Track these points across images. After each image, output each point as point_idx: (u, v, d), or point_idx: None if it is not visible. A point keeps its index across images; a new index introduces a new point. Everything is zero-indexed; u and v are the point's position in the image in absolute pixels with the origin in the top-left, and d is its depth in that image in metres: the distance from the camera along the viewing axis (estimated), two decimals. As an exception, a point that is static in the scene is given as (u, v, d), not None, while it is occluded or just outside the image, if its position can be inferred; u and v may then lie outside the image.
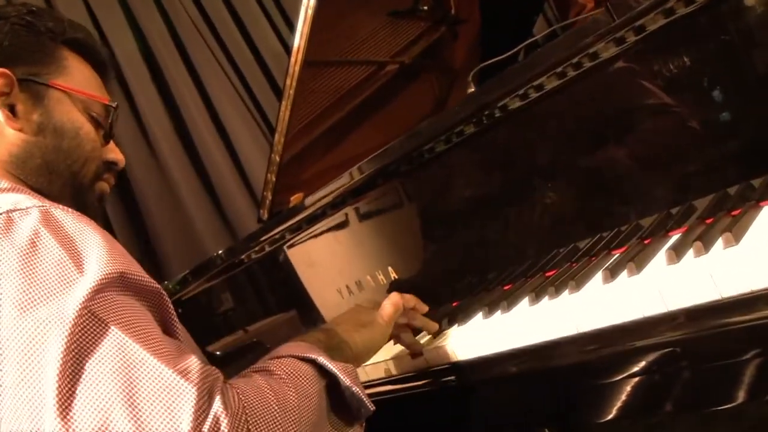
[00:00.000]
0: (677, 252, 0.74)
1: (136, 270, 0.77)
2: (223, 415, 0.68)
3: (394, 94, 2.14)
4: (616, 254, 0.89)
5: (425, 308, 1.07)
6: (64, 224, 0.76)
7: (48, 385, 0.66)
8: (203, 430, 0.66)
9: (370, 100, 2.08)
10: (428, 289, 1.17)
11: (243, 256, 1.64)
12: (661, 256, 0.77)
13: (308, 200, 1.43)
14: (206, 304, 1.84)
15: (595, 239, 0.97)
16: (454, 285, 1.18)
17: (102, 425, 0.64)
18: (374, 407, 0.84)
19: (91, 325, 0.68)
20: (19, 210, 0.75)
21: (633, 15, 0.84)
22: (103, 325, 0.68)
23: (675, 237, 0.83)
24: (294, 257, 1.54)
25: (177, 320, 0.82)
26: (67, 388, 0.65)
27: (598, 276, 0.82)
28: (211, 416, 0.67)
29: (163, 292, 0.81)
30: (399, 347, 1.08)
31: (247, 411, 0.71)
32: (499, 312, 0.93)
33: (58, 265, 0.71)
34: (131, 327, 0.69)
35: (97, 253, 0.73)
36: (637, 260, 0.78)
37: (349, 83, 2.05)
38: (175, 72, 2.58)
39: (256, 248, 1.60)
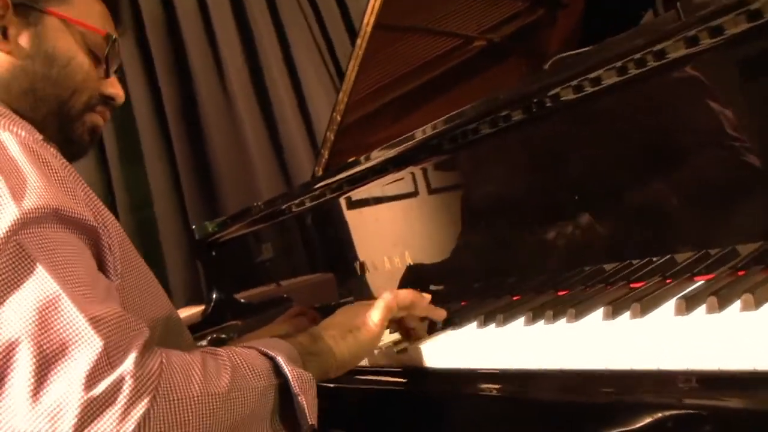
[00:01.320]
0: (689, 303, 0.64)
1: (75, 207, 0.74)
2: (130, 376, 0.64)
3: (475, 74, 2.04)
4: (634, 287, 0.80)
5: (425, 301, 1.00)
6: (9, 149, 0.74)
7: None
8: (100, 386, 0.62)
9: (448, 75, 2.00)
10: (445, 281, 1.13)
11: (285, 207, 1.60)
12: (672, 303, 0.67)
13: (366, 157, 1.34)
14: (243, 250, 1.83)
15: (624, 264, 0.88)
16: (471, 283, 1.11)
17: (4, 361, 0.62)
18: (314, 423, 0.80)
19: (17, 257, 0.66)
20: None
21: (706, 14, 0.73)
22: (29, 260, 0.66)
23: (700, 283, 0.73)
24: (341, 217, 1.48)
25: (118, 262, 0.81)
26: None
27: (600, 311, 0.73)
28: (115, 373, 0.64)
29: (103, 231, 0.78)
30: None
31: (161, 380, 0.67)
32: (493, 325, 0.88)
33: None
34: (57, 266, 0.68)
35: (37, 185, 0.72)
36: (645, 302, 0.69)
37: (428, 54, 1.97)
38: (258, 13, 2.56)
39: (298, 202, 1.56)
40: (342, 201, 1.45)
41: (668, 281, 0.78)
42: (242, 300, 1.83)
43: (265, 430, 0.78)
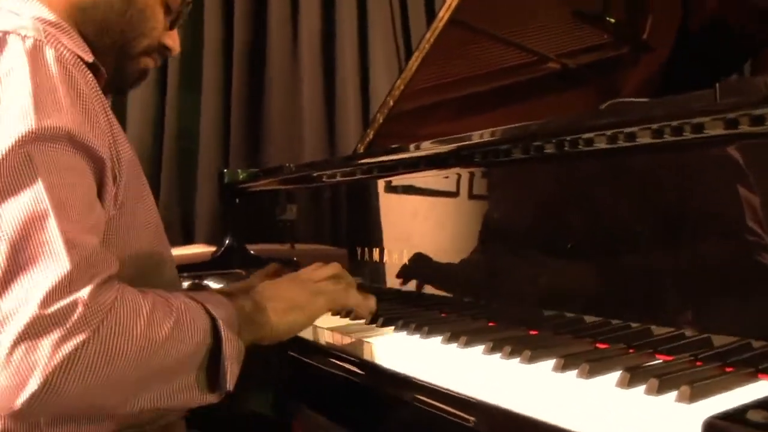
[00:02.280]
0: (632, 378, 0.63)
1: (90, 135, 0.78)
2: (83, 305, 0.68)
3: (539, 94, 2.01)
4: (599, 347, 0.80)
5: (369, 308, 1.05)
6: (49, 66, 0.78)
7: None
8: (54, 305, 0.67)
9: (511, 89, 1.97)
10: (442, 287, 1.13)
11: (316, 174, 1.61)
12: (617, 374, 0.66)
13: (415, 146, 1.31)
14: (266, 205, 1.85)
15: (602, 321, 0.87)
16: (461, 297, 1.11)
17: None
18: (231, 390, 0.83)
19: (22, 167, 0.71)
20: (17, 34, 0.78)
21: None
22: (32, 173, 0.71)
23: (657, 362, 0.72)
24: (370, 199, 1.47)
25: (121, 194, 0.85)
26: None
27: (552, 361, 0.73)
28: (71, 297, 0.68)
29: (113, 162, 0.83)
30: None
31: (109, 315, 0.71)
32: (455, 345, 0.88)
33: (20, 96, 0.74)
34: (55, 187, 0.72)
35: (61, 105, 0.76)
36: (596, 365, 0.69)
37: (497, 63, 1.95)
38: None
39: (331, 173, 1.55)
40: (375, 183, 1.43)
41: (631, 350, 0.77)
42: (252, 252, 1.86)
43: (188, 381, 0.81)
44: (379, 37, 2.53)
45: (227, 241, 1.89)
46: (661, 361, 0.73)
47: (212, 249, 1.99)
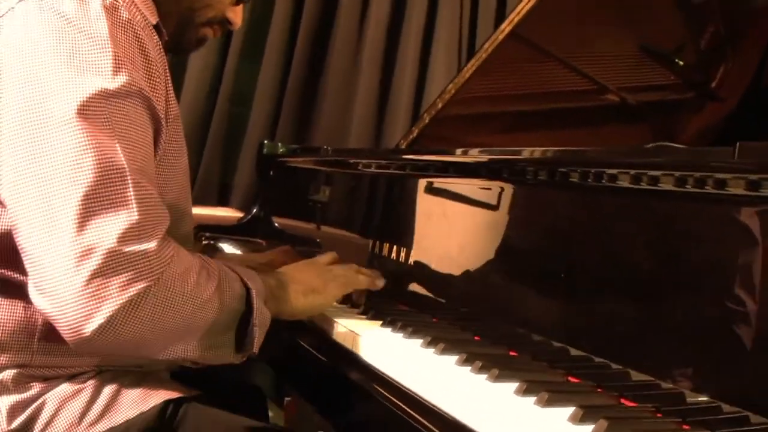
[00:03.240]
0: (584, 416, 0.63)
1: (153, 93, 0.84)
2: (152, 254, 0.76)
3: (592, 124, 1.98)
4: (570, 380, 0.79)
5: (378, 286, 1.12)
6: (123, 24, 0.83)
7: (41, 131, 0.76)
8: (129, 249, 0.74)
9: (562, 112, 1.95)
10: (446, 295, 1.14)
11: (352, 161, 1.62)
12: (573, 408, 0.66)
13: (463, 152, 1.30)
14: (298, 182, 1.88)
15: (585, 356, 0.86)
16: (460, 306, 1.11)
17: (56, 196, 0.74)
18: (256, 352, 0.91)
19: (101, 119, 0.77)
20: None
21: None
22: (109, 126, 0.77)
23: (617, 405, 0.72)
24: (403, 196, 1.47)
25: (162, 149, 0.90)
26: (53, 148, 0.75)
27: (516, 384, 0.73)
28: (141, 246, 0.75)
29: (164, 118, 0.88)
30: None
31: (168, 269, 0.78)
32: (432, 350, 0.89)
33: (98, 50, 0.79)
34: (128, 143, 0.79)
35: (135, 65, 0.82)
36: (556, 396, 0.69)
37: (554, 85, 1.93)
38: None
39: (366, 162, 1.55)
40: (406, 180, 1.42)
41: (599, 389, 0.76)
42: (277, 224, 1.89)
43: (221, 340, 0.88)
44: (444, 37, 2.53)
45: (254, 210, 1.92)
46: (622, 405, 0.72)
47: (240, 215, 2.03)
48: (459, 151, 1.29)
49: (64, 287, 0.72)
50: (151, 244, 0.76)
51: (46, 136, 0.75)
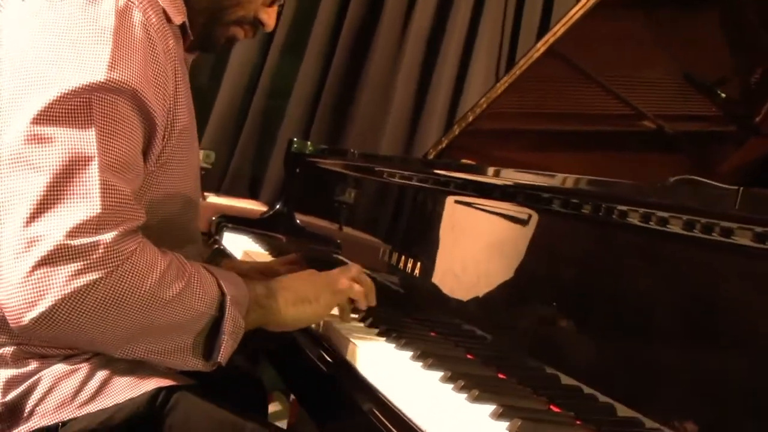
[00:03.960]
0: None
1: (151, 96, 0.84)
2: (104, 246, 0.74)
3: (626, 150, 1.95)
4: (551, 408, 0.79)
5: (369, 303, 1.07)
6: (133, 28, 0.84)
7: (23, 115, 0.77)
8: (78, 240, 0.73)
9: (596, 136, 1.92)
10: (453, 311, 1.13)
11: (377, 169, 1.63)
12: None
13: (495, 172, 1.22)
14: (323, 182, 1.89)
15: (575, 386, 0.85)
16: (462, 323, 1.10)
17: (21, 181, 0.74)
18: (222, 364, 0.89)
19: (81, 109, 0.78)
20: None
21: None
22: (88, 119, 0.78)
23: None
24: (419, 208, 1.46)
25: (169, 153, 0.91)
26: (31, 131, 0.76)
27: (493, 407, 0.73)
28: (95, 237, 0.74)
29: (166, 123, 0.88)
30: None
31: (126, 263, 0.76)
32: (420, 364, 0.89)
33: (99, 47, 0.80)
34: (106, 135, 0.79)
35: (133, 64, 0.82)
36: (530, 425, 0.69)
37: (589, 107, 1.91)
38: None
39: (389, 171, 1.55)
40: (430, 194, 1.39)
41: (578, 422, 0.75)
42: (298, 221, 1.91)
43: (183, 344, 0.86)
44: (484, 50, 2.52)
45: (278, 206, 1.94)
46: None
47: (265, 209, 2.06)
48: (477, 170, 1.29)
49: (11, 273, 0.72)
50: (107, 236, 0.75)
51: (23, 120, 0.76)
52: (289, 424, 1.84)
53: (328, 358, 0.98)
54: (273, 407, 2.01)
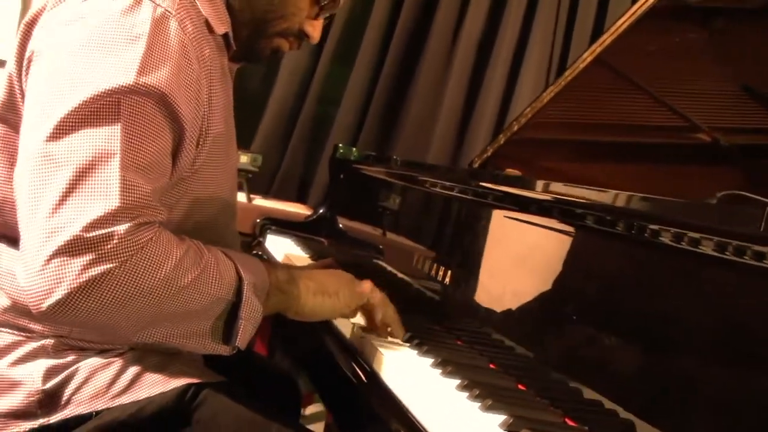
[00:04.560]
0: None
1: (181, 102, 0.86)
2: (118, 237, 0.77)
3: (678, 163, 1.90)
4: (566, 421, 0.79)
5: (398, 334, 1.03)
6: (168, 35, 0.86)
7: (53, 114, 0.80)
8: (94, 232, 0.76)
9: (646, 148, 1.89)
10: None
11: (420, 178, 1.61)
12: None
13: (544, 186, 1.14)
14: (367, 188, 1.91)
15: (593, 401, 0.85)
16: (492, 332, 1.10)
17: (47, 176, 0.78)
18: (241, 348, 0.89)
19: (108, 110, 0.80)
20: (152, 1, 0.86)
21: None
22: (115, 119, 0.80)
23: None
24: (458, 218, 1.44)
25: (202, 159, 0.93)
26: (59, 129, 0.79)
27: (503, 417, 0.73)
28: (109, 229, 0.77)
29: (196, 130, 0.90)
30: None
31: (140, 253, 0.78)
32: (438, 371, 0.89)
33: (133, 52, 0.83)
34: (132, 136, 0.81)
35: (164, 70, 0.84)
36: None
37: (640, 118, 1.88)
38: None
39: (432, 181, 1.53)
40: (471, 206, 1.36)
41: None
42: (341, 225, 1.94)
43: (201, 329, 0.87)
44: (535, 58, 2.50)
45: (321, 210, 1.98)
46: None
47: (309, 213, 2.09)
48: (515, 182, 1.27)
49: (32, 261, 0.76)
50: (120, 228, 0.77)
51: (53, 118, 0.79)
52: (326, 426, 1.87)
53: (353, 365, 0.99)
54: (313, 408, 2.04)
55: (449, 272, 1.29)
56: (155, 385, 0.90)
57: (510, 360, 0.98)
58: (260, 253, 1.78)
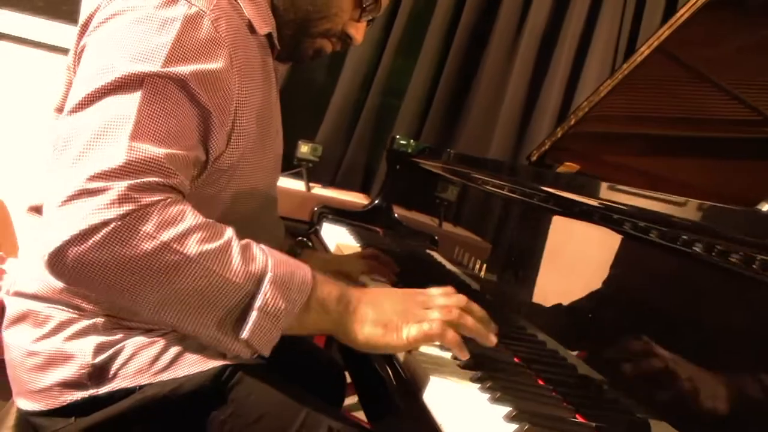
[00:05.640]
0: None
1: (203, 89, 0.90)
2: (116, 190, 0.78)
3: (749, 156, 1.83)
4: (577, 419, 0.79)
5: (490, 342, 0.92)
6: (199, 30, 0.90)
7: (82, 92, 0.85)
8: (95, 184, 0.78)
9: (716, 143, 1.83)
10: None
11: (468, 172, 1.61)
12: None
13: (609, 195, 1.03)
14: (422, 179, 1.92)
15: (611, 398, 0.83)
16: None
17: (67, 141, 0.83)
18: (254, 345, 0.83)
19: (131, 83, 0.85)
20: (188, 1, 0.90)
21: None
22: (136, 90, 0.84)
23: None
24: (508, 215, 1.40)
25: (235, 144, 0.96)
26: (83, 102, 0.84)
27: (508, 409, 0.75)
28: (109, 183, 0.78)
29: (226, 115, 0.93)
30: None
31: (143, 210, 0.78)
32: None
33: (163, 40, 0.87)
34: (152, 109, 0.84)
35: (191, 61, 0.88)
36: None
37: (707, 111, 1.82)
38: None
39: (482, 179, 1.52)
40: (526, 204, 1.30)
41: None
42: (396, 215, 1.97)
43: (215, 316, 0.83)
44: (599, 54, 2.44)
45: (377, 201, 2.02)
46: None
47: (367, 202, 2.14)
48: (567, 188, 1.16)
49: (46, 216, 0.79)
50: (121, 183, 0.78)
51: (83, 93, 0.85)
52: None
53: (401, 382, 0.93)
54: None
55: (500, 270, 1.29)
56: (194, 364, 0.96)
57: (540, 358, 0.96)
58: (303, 239, 1.81)
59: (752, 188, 1.79)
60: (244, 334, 0.83)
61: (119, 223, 0.78)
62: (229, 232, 0.86)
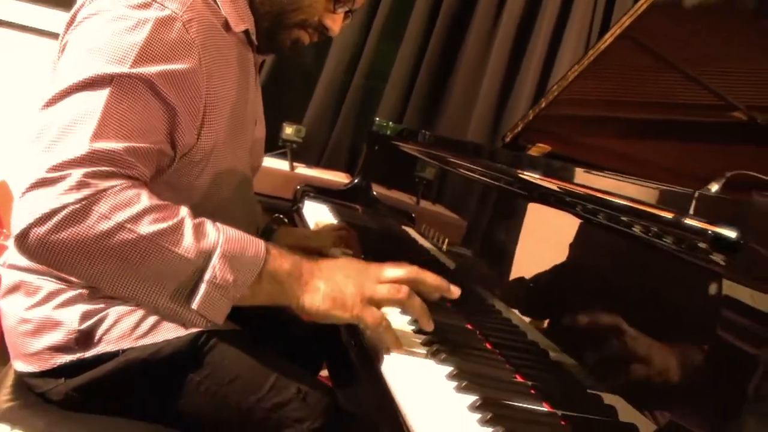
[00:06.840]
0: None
1: (170, 89, 0.95)
2: (74, 176, 0.83)
3: (709, 142, 1.90)
4: (546, 410, 0.81)
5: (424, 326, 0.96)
6: (169, 33, 0.96)
7: (53, 91, 0.91)
8: (55, 173, 0.84)
9: (678, 126, 1.90)
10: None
11: (444, 155, 1.66)
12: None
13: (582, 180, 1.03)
14: (399, 159, 1.97)
15: (593, 395, 0.82)
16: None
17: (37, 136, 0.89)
18: (204, 315, 0.89)
19: (100, 81, 0.91)
20: (160, 4, 0.96)
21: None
22: (104, 87, 0.90)
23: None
24: (492, 202, 1.39)
25: (204, 141, 1.02)
26: (53, 99, 0.90)
27: (474, 398, 0.78)
28: (69, 171, 0.84)
29: (185, 121, 0.98)
30: None
31: (99, 195, 0.84)
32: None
33: (133, 40, 0.93)
34: (118, 106, 0.90)
35: (160, 62, 0.94)
36: (499, 420, 0.74)
37: (670, 95, 1.89)
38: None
39: (455, 162, 1.58)
40: (503, 190, 1.29)
41: (563, 422, 0.78)
42: (375, 194, 2.04)
43: (168, 288, 0.88)
44: (573, 40, 2.51)
45: (357, 179, 2.09)
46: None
47: (348, 181, 2.22)
48: (534, 174, 1.15)
49: (15, 200, 0.85)
50: (78, 170, 0.83)
51: (54, 91, 0.90)
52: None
53: (361, 352, 0.97)
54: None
55: (468, 245, 1.35)
56: (173, 330, 1.03)
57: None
58: (280, 216, 1.87)
59: (715, 169, 1.87)
60: (194, 305, 0.89)
61: (77, 206, 0.84)
62: (183, 212, 0.91)
